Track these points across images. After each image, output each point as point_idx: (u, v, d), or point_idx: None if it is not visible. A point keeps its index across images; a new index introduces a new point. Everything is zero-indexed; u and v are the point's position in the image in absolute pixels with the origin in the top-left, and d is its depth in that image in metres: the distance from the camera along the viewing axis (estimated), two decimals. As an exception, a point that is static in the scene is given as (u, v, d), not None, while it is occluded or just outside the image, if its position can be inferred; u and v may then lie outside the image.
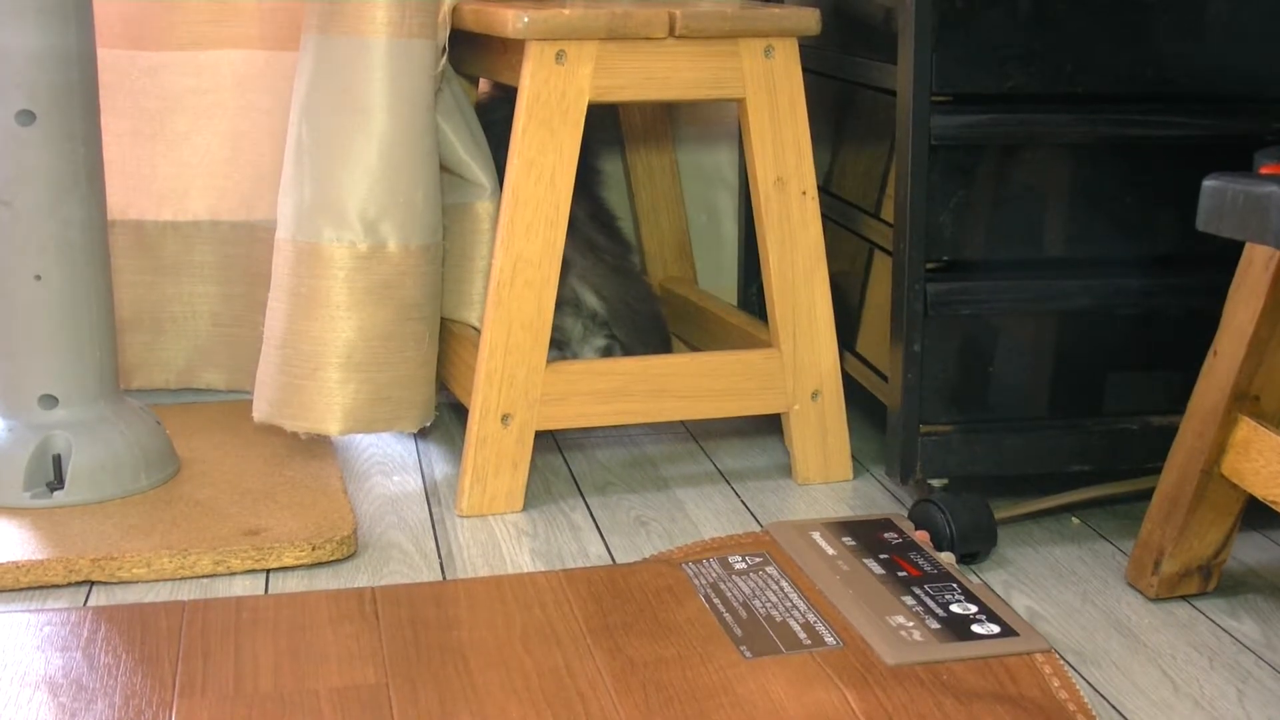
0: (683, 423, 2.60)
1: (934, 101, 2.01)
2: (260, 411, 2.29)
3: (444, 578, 1.98)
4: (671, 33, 2.15)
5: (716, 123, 2.93)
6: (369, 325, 2.21)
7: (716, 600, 1.84)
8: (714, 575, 1.91)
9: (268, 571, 2.00)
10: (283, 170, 2.27)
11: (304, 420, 2.24)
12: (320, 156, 2.21)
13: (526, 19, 2.09)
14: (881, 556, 1.94)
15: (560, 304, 2.38)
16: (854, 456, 2.35)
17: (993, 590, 1.94)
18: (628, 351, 2.45)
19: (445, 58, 2.26)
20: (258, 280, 2.58)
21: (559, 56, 2.11)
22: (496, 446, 2.18)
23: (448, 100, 2.31)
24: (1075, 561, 2.05)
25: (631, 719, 1.58)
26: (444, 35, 2.25)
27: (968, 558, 2.03)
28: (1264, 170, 1.72)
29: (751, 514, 2.20)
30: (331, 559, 2.02)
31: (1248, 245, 1.81)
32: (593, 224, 2.49)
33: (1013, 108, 2.03)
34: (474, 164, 2.34)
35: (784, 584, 1.88)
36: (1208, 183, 1.69)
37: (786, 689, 1.63)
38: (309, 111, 2.23)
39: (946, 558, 1.94)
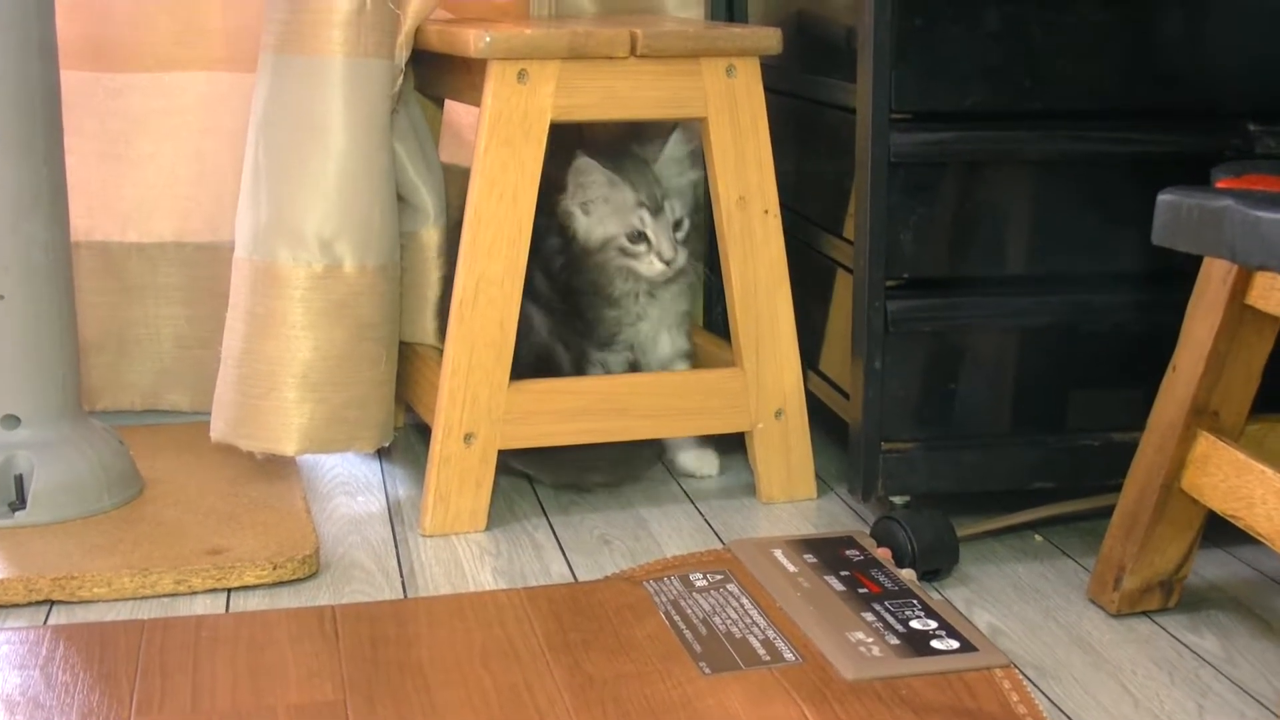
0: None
1: (893, 119, 2.02)
2: (217, 431, 2.28)
3: (405, 597, 1.98)
4: (633, 52, 2.15)
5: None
6: (325, 345, 2.21)
7: (677, 617, 1.84)
8: (675, 592, 1.91)
9: (229, 591, 1.99)
10: (240, 189, 2.27)
11: (260, 440, 2.24)
12: (277, 176, 2.21)
13: (489, 38, 2.09)
14: (843, 573, 1.94)
15: None
16: (818, 475, 2.35)
17: (954, 607, 1.94)
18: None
19: (402, 78, 2.26)
20: (222, 301, 2.55)
21: (521, 76, 2.12)
22: (459, 465, 2.17)
23: (403, 122, 2.32)
24: (1037, 578, 2.05)
25: (589, 735, 1.58)
26: (403, 56, 2.26)
27: (930, 575, 2.03)
28: (1220, 185, 1.72)
29: (715, 532, 2.20)
30: (293, 578, 2.01)
31: (1206, 260, 1.82)
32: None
33: (972, 125, 2.04)
34: (424, 188, 2.35)
35: (744, 601, 1.88)
36: (1163, 197, 1.69)
37: (745, 705, 1.63)
38: (266, 130, 2.23)
39: (907, 574, 1.95)
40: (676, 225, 2.31)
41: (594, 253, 2.32)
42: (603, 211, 2.30)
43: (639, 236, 2.29)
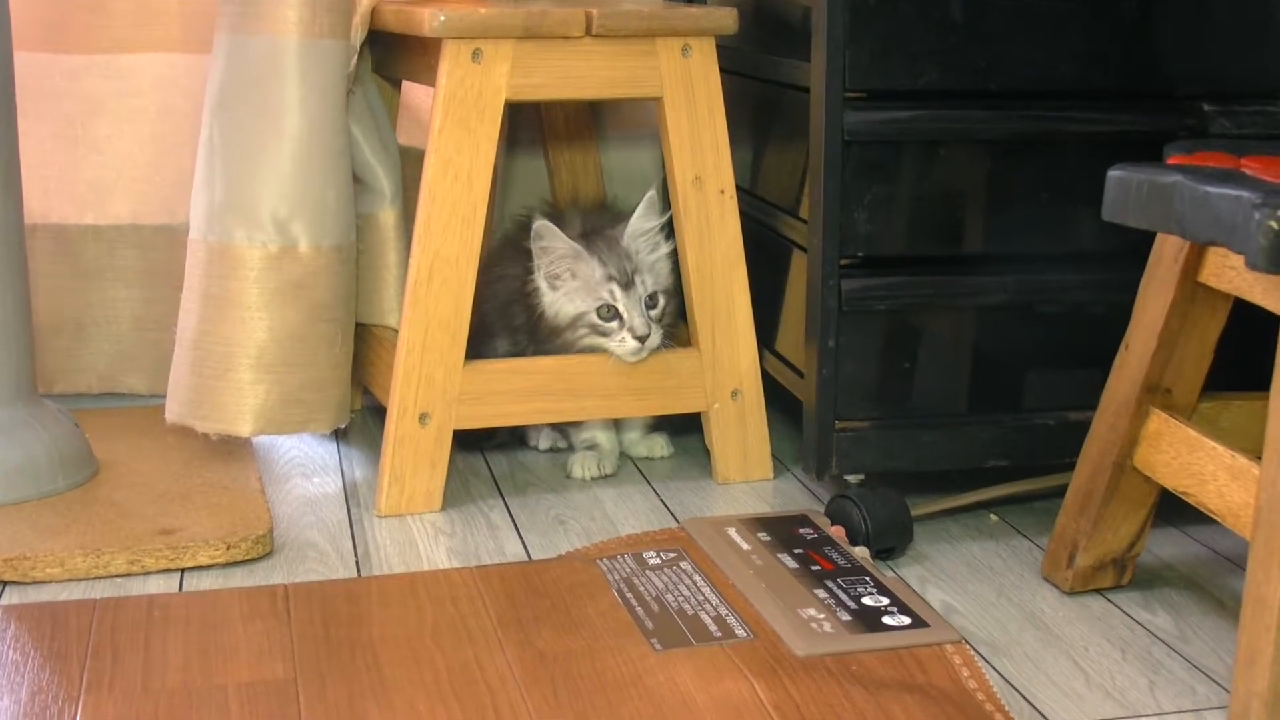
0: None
1: (847, 98, 2.02)
2: (172, 413, 2.27)
3: (359, 577, 1.97)
4: (588, 31, 2.15)
5: (640, 124, 2.93)
6: (280, 326, 2.20)
7: (629, 594, 1.84)
8: (628, 570, 1.91)
9: (182, 571, 1.99)
10: (195, 170, 2.26)
11: (215, 421, 2.23)
12: (231, 156, 2.20)
13: (443, 17, 2.09)
14: (796, 551, 1.94)
15: None
16: (775, 456, 2.35)
17: (906, 584, 1.94)
18: None
19: (357, 58, 2.26)
20: (180, 284, 2.55)
21: (475, 55, 2.11)
22: (414, 446, 2.17)
23: (359, 103, 2.31)
24: (992, 557, 2.05)
25: (539, 711, 1.58)
26: (359, 36, 2.25)
27: (885, 553, 2.03)
28: (1171, 161, 1.73)
29: (671, 513, 2.20)
30: (246, 558, 2.01)
31: (1158, 238, 1.82)
32: None
33: (926, 104, 2.04)
34: (380, 169, 2.34)
35: (697, 578, 1.88)
36: (1113, 173, 1.70)
37: (695, 680, 1.62)
38: (220, 111, 2.22)
39: (861, 552, 1.95)
40: (651, 302, 2.26)
41: (563, 330, 2.28)
42: (570, 287, 2.26)
43: (611, 312, 2.23)
